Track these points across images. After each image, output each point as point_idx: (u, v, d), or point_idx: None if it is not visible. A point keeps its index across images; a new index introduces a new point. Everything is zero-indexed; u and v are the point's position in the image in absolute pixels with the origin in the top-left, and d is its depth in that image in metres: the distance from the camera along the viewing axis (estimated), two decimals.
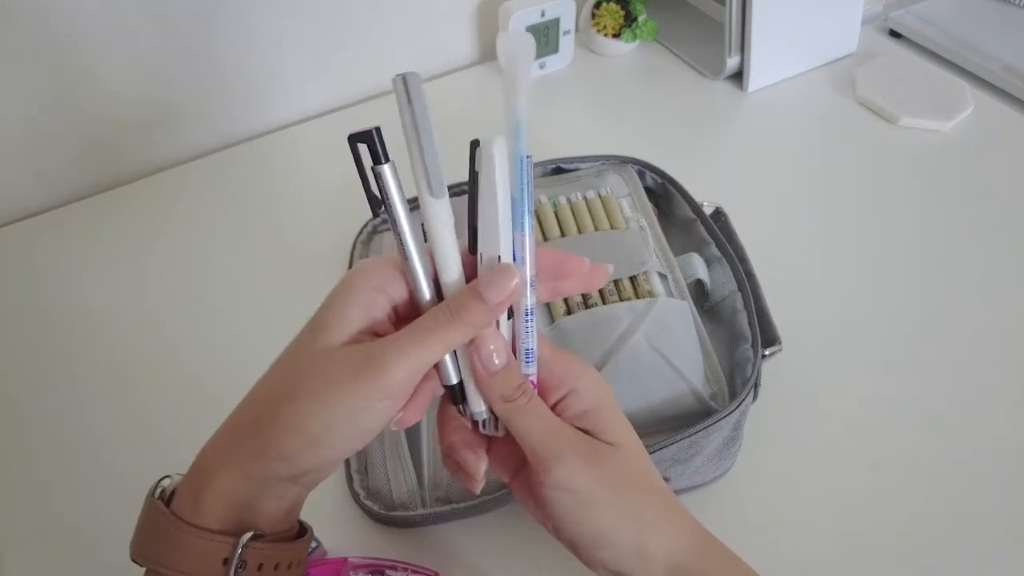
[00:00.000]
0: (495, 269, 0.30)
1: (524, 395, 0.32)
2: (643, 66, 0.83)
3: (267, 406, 0.30)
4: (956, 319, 0.57)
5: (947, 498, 0.48)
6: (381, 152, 0.29)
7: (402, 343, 0.29)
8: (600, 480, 0.32)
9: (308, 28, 0.72)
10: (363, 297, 0.31)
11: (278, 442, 0.29)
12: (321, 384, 0.29)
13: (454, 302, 0.30)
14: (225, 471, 0.30)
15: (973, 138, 0.73)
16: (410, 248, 0.30)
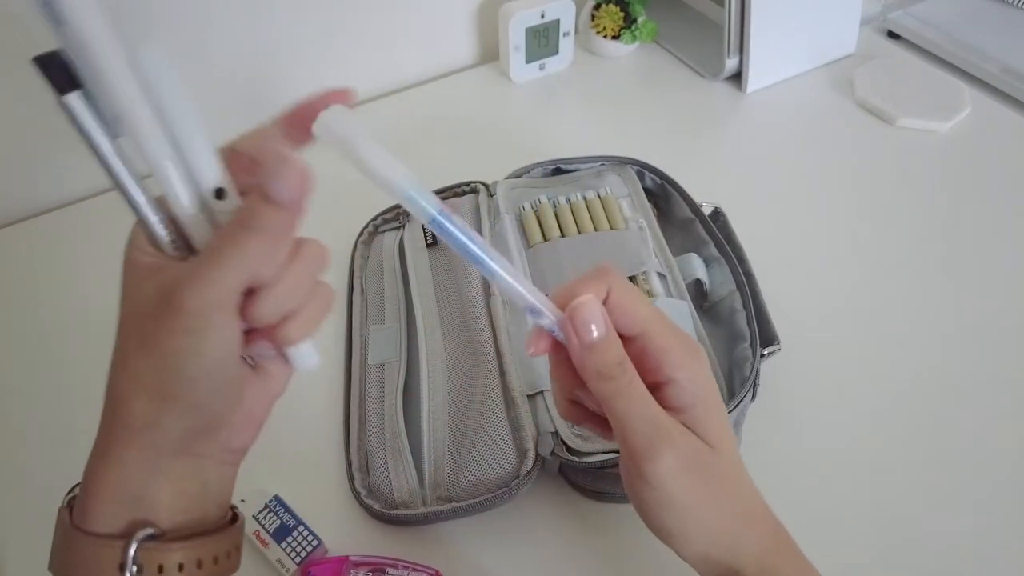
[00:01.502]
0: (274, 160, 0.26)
1: (624, 374, 0.29)
2: (642, 67, 0.83)
3: (113, 379, 0.28)
4: (955, 319, 0.58)
5: (947, 498, 0.48)
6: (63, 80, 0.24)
7: (195, 266, 0.26)
8: (695, 486, 0.30)
9: (308, 29, 0.72)
10: None
11: (131, 411, 0.27)
12: (135, 334, 0.27)
13: (243, 209, 0.27)
14: (102, 463, 0.28)
15: (971, 139, 0.73)
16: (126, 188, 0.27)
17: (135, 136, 0.25)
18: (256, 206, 0.26)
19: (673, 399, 0.30)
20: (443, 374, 0.50)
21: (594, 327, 0.29)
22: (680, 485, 0.29)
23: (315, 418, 0.52)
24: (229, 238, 0.26)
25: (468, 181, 0.61)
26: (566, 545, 0.46)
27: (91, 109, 0.25)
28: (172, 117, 0.25)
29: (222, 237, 0.26)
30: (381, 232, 0.62)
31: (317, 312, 0.30)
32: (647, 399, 0.30)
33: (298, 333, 0.29)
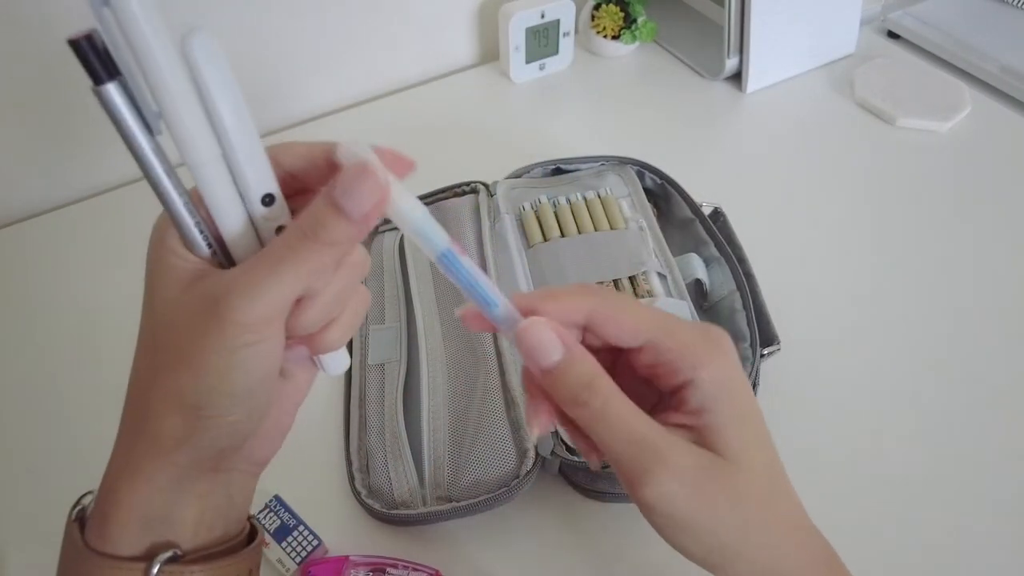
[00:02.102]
0: (351, 171, 0.24)
1: (596, 395, 0.26)
2: (642, 67, 0.83)
3: (139, 393, 0.26)
4: (955, 318, 0.58)
5: (947, 497, 0.48)
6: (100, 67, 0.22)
7: (249, 276, 0.24)
8: (703, 506, 0.26)
9: (308, 30, 0.72)
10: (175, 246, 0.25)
11: (162, 429, 0.25)
12: (174, 347, 0.25)
13: (308, 218, 0.24)
14: (126, 482, 0.26)
15: (971, 139, 0.73)
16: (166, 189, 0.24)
17: (180, 134, 0.23)
18: (324, 216, 0.24)
19: (690, 402, 0.27)
20: (443, 374, 0.51)
21: (547, 351, 0.26)
22: (683, 507, 0.26)
23: (315, 418, 0.52)
24: (290, 248, 0.24)
25: (468, 181, 0.61)
26: (566, 545, 0.46)
27: (129, 101, 0.23)
28: (222, 114, 0.23)
29: (282, 245, 0.24)
30: (381, 232, 0.62)
31: (357, 317, 0.29)
32: (629, 419, 0.26)
33: (340, 339, 0.28)
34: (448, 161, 0.67)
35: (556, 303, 0.27)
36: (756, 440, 0.27)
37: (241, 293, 0.24)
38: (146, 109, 0.23)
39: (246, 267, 0.24)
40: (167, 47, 0.22)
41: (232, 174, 0.24)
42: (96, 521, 0.26)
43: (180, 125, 0.23)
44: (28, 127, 0.65)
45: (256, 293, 0.24)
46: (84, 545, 0.26)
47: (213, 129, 0.23)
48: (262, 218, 0.26)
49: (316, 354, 0.29)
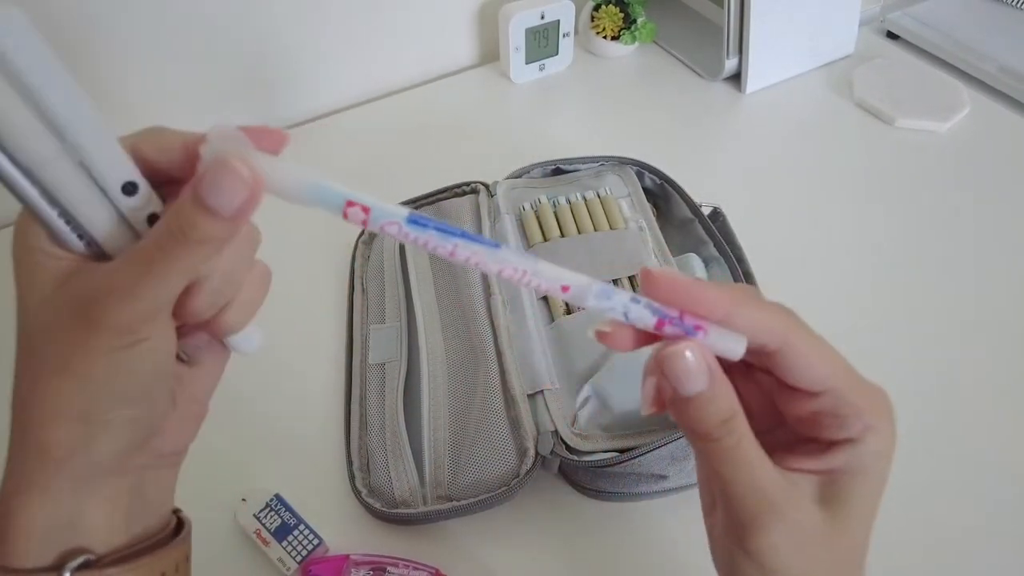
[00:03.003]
0: (213, 167, 0.22)
1: (731, 435, 0.25)
2: (642, 68, 0.84)
3: (20, 403, 0.24)
4: (954, 319, 0.58)
5: (947, 497, 0.48)
6: None
7: (120, 278, 0.23)
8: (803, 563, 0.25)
9: (308, 31, 0.73)
10: None
11: (49, 439, 0.24)
12: (52, 353, 0.23)
13: (175, 217, 0.22)
14: (19, 498, 0.24)
15: (970, 139, 0.73)
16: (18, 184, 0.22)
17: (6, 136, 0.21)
18: (192, 215, 0.22)
19: (839, 457, 0.26)
20: (443, 373, 0.51)
21: (693, 378, 0.24)
22: (784, 563, 0.25)
23: (316, 417, 0.52)
24: (160, 248, 0.23)
25: (468, 181, 0.61)
26: (566, 543, 0.46)
27: None
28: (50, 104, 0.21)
29: (151, 246, 0.23)
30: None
31: (256, 293, 0.28)
32: (756, 464, 0.25)
33: (240, 319, 0.27)
34: (448, 161, 0.67)
35: (754, 314, 0.25)
36: (872, 515, 0.27)
37: (113, 296, 0.22)
38: None
39: (116, 267, 0.23)
40: None
41: (83, 166, 0.22)
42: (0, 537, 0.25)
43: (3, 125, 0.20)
44: None
45: (130, 295, 0.22)
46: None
47: (45, 123, 0.21)
48: (127, 208, 0.24)
49: (219, 338, 0.28)
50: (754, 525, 0.25)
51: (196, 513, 0.31)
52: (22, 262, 0.24)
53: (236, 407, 0.51)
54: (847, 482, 0.26)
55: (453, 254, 0.23)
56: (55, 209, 0.23)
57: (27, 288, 0.24)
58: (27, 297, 0.24)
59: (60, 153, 0.22)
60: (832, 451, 0.26)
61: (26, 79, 0.20)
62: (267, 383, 0.53)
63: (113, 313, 0.22)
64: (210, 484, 0.42)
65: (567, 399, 0.47)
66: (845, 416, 0.26)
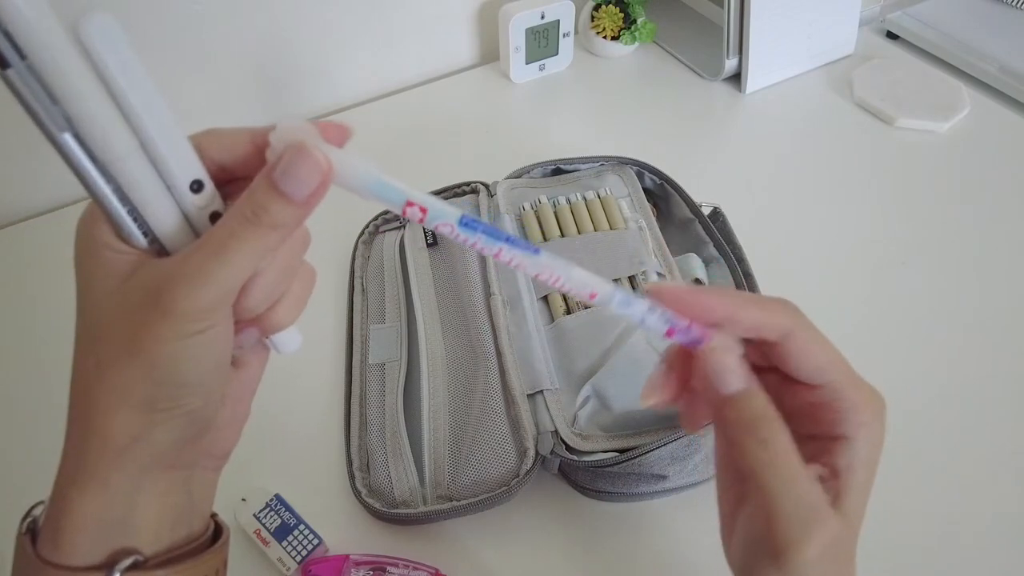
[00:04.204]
0: (289, 152, 0.23)
1: (762, 445, 0.25)
2: (642, 68, 0.84)
3: (83, 392, 0.25)
4: (954, 319, 0.58)
5: (948, 497, 0.48)
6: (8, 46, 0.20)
7: (192, 264, 0.23)
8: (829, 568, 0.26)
9: (308, 31, 0.73)
10: None
11: (112, 427, 0.24)
12: (118, 341, 0.24)
13: (249, 202, 0.23)
14: (77, 488, 0.24)
15: (970, 139, 0.73)
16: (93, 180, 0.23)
17: (89, 130, 0.21)
18: (265, 199, 0.23)
19: (836, 455, 0.27)
20: (443, 373, 0.51)
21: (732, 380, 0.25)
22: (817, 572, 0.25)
23: (316, 417, 0.52)
24: (232, 233, 0.23)
25: (468, 181, 0.61)
26: (566, 544, 0.46)
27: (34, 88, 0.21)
28: (132, 103, 0.22)
29: (223, 231, 0.24)
30: (382, 232, 0.62)
31: (304, 291, 0.29)
32: (799, 471, 0.25)
33: (289, 316, 0.28)
34: (448, 161, 0.67)
35: (756, 313, 0.27)
36: (864, 504, 0.27)
37: (185, 281, 0.23)
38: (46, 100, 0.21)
39: (188, 255, 0.24)
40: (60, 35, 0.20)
41: (154, 164, 0.23)
42: (48, 531, 0.25)
43: (88, 121, 0.21)
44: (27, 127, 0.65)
45: (200, 281, 0.23)
46: (37, 557, 0.25)
47: (126, 120, 0.22)
48: (192, 206, 0.25)
49: (267, 335, 0.29)
50: (801, 538, 0.25)
51: None
52: (87, 256, 0.25)
53: None
54: (847, 479, 0.27)
55: (498, 256, 0.25)
56: (125, 206, 0.23)
57: (91, 280, 0.24)
58: (91, 289, 0.24)
59: (136, 150, 0.23)
60: (834, 448, 0.27)
61: (113, 79, 0.21)
62: (267, 383, 0.53)
63: (185, 298, 0.23)
64: None
65: (567, 399, 0.47)
66: (842, 411, 0.27)
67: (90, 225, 0.25)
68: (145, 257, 0.24)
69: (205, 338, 0.24)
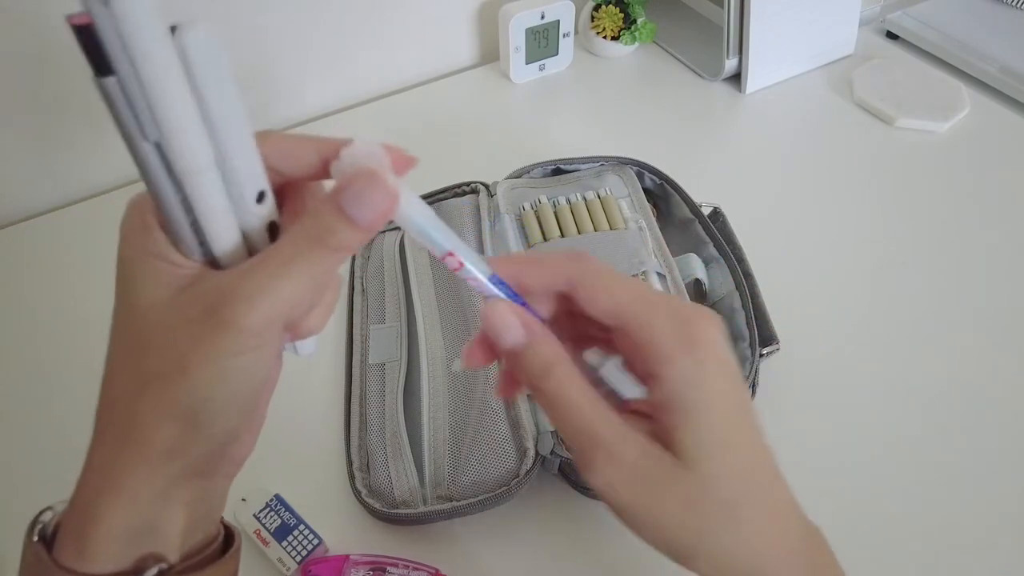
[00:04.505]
0: (360, 178, 0.23)
1: (549, 381, 0.26)
2: (642, 68, 0.83)
3: (121, 402, 0.24)
4: (953, 319, 0.58)
5: (948, 497, 0.48)
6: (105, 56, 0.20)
7: (253, 279, 0.23)
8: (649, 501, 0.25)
9: (307, 31, 0.72)
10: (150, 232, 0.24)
11: (153, 438, 0.24)
12: (168, 354, 0.23)
13: (316, 224, 0.23)
14: (108, 496, 0.24)
15: (970, 139, 0.73)
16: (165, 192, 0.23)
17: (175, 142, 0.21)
18: (333, 223, 0.23)
19: (654, 394, 0.26)
20: (443, 373, 0.51)
21: (511, 334, 0.26)
22: (627, 500, 0.25)
23: (316, 417, 0.52)
24: (299, 253, 0.23)
25: (468, 181, 0.61)
26: (566, 544, 0.46)
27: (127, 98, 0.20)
28: (221, 117, 0.22)
29: (288, 249, 0.23)
30: (382, 232, 0.62)
31: (333, 299, 0.28)
32: (581, 407, 0.26)
33: (320, 324, 0.28)
34: (448, 161, 0.67)
35: (538, 269, 0.28)
36: (722, 446, 0.26)
37: (247, 297, 0.23)
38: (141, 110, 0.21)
39: (249, 270, 0.23)
40: (167, 46, 0.20)
41: (225, 176, 0.23)
42: (70, 538, 0.25)
43: (178, 133, 0.21)
44: (28, 127, 0.65)
45: (263, 297, 0.23)
46: (56, 565, 0.24)
47: (209, 132, 0.22)
48: (254, 216, 0.25)
49: (297, 340, 0.29)
50: (588, 466, 0.26)
51: None
52: (135, 266, 0.24)
53: None
54: (668, 417, 0.26)
55: None
56: (188, 217, 0.23)
57: (138, 291, 0.24)
58: (137, 300, 0.24)
59: (213, 164, 0.22)
60: (652, 386, 0.26)
61: (205, 91, 0.21)
62: None
63: (246, 314, 0.23)
64: None
65: None
66: (645, 350, 0.26)
67: (140, 234, 0.24)
68: (201, 270, 0.24)
69: (257, 356, 0.24)
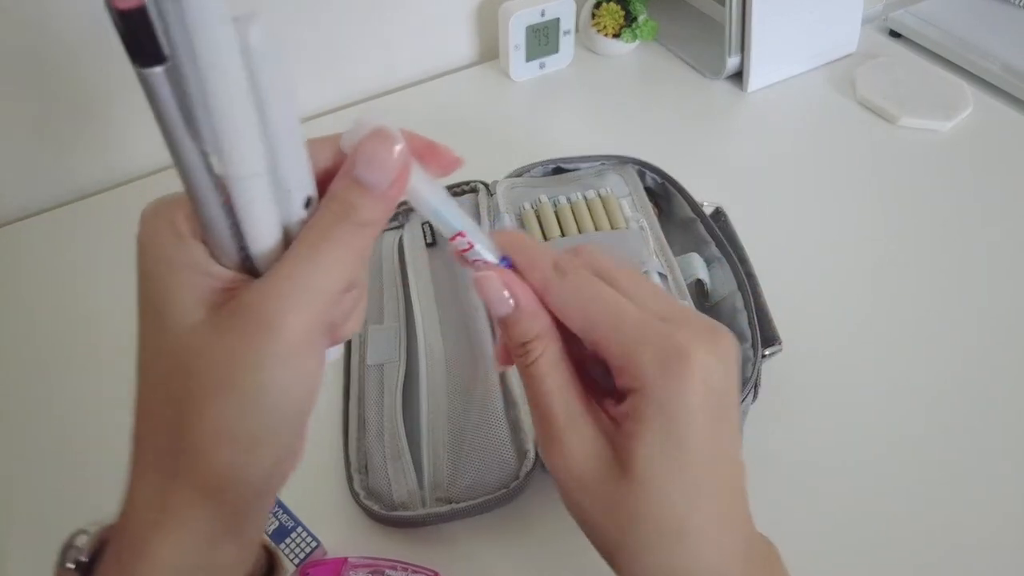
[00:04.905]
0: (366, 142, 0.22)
1: (529, 355, 0.26)
2: (643, 66, 0.83)
3: (165, 428, 0.22)
4: (956, 319, 0.57)
5: (949, 498, 0.48)
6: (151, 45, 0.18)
7: (292, 278, 0.22)
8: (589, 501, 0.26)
9: (307, 29, 0.72)
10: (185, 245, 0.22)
11: (210, 467, 0.22)
12: (215, 372, 0.21)
13: (336, 203, 0.22)
14: (158, 531, 0.22)
15: (973, 138, 0.73)
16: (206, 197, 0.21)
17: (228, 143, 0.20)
18: (352, 196, 0.22)
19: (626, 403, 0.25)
20: (442, 374, 0.50)
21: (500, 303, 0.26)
22: (566, 490, 0.26)
23: (314, 419, 0.50)
24: (324, 235, 0.22)
25: (468, 180, 0.61)
26: (566, 546, 0.46)
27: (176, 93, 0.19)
28: (279, 118, 0.20)
29: (314, 233, 0.22)
30: (382, 232, 0.61)
31: (364, 301, 0.28)
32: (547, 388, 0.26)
33: (357, 327, 0.27)
34: None
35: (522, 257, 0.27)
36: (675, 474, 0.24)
37: (285, 294, 0.21)
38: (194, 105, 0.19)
39: (281, 266, 0.22)
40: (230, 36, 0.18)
41: (277, 182, 0.22)
42: (114, 570, 0.23)
43: (232, 131, 0.19)
44: (28, 125, 0.65)
45: (303, 295, 0.21)
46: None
47: (263, 135, 0.20)
48: (298, 222, 0.23)
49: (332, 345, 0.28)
50: (542, 443, 0.26)
51: None
52: (170, 281, 0.22)
53: None
54: (631, 429, 0.25)
55: None
56: (229, 220, 0.22)
57: (176, 310, 0.22)
58: (175, 320, 0.22)
59: (263, 170, 0.21)
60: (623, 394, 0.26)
61: (263, 90, 0.20)
62: None
63: (291, 317, 0.21)
64: None
65: None
66: (617, 368, 0.25)
67: (171, 245, 0.22)
68: (239, 277, 0.22)
69: (305, 360, 0.22)
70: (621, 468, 0.25)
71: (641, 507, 0.24)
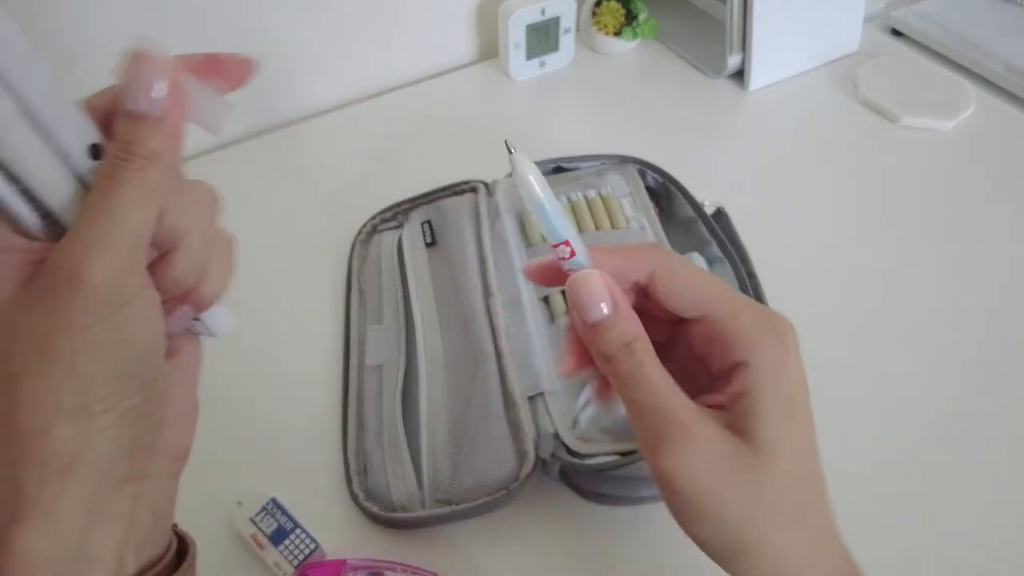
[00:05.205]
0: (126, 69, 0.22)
1: (631, 355, 0.26)
2: (644, 65, 0.83)
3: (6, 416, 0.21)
4: (957, 319, 0.57)
5: (950, 499, 0.47)
6: None
7: (87, 231, 0.21)
8: (719, 487, 0.25)
9: (306, 28, 0.72)
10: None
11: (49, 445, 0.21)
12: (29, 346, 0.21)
13: (116, 141, 0.22)
14: (20, 525, 0.21)
15: (975, 137, 0.72)
16: None
17: None
18: (127, 131, 0.22)
19: (734, 383, 0.26)
20: (442, 375, 0.50)
21: (596, 305, 0.26)
22: (696, 484, 0.25)
23: (313, 420, 0.51)
24: (111, 177, 0.21)
25: (467, 180, 0.61)
26: (566, 548, 0.45)
27: None
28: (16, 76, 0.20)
29: (101, 181, 0.21)
30: (380, 232, 0.61)
31: (228, 259, 0.26)
32: (659, 385, 0.26)
33: (219, 287, 0.26)
34: (447, 159, 0.66)
35: (621, 257, 0.28)
36: (796, 439, 0.26)
37: (85, 248, 0.21)
38: None
39: (80, 221, 0.21)
40: None
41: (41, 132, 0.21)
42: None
43: None
44: None
45: (104, 243, 0.21)
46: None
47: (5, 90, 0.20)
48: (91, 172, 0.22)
49: (200, 311, 0.27)
50: (661, 445, 0.25)
51: (190, 516, 0.31)
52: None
53: (232, 409, 0.50)
54: (748, 404, 0.26)
55: None
56: (15, 186, 0.21)
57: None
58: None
59: (18, 115, 0.20)
60: (728, 379, 0.27)
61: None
62: (263, 384, 0.53)
63: (91, 266, 0.21)
64: (205, 487, 0.41)
65: (568, 401, 0.47)
66: (728, 340, 0.27)
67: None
68: (46, 246, 0.22)
69: (128, 313, 0.22)
70: (748, 443, 0.26)
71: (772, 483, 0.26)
